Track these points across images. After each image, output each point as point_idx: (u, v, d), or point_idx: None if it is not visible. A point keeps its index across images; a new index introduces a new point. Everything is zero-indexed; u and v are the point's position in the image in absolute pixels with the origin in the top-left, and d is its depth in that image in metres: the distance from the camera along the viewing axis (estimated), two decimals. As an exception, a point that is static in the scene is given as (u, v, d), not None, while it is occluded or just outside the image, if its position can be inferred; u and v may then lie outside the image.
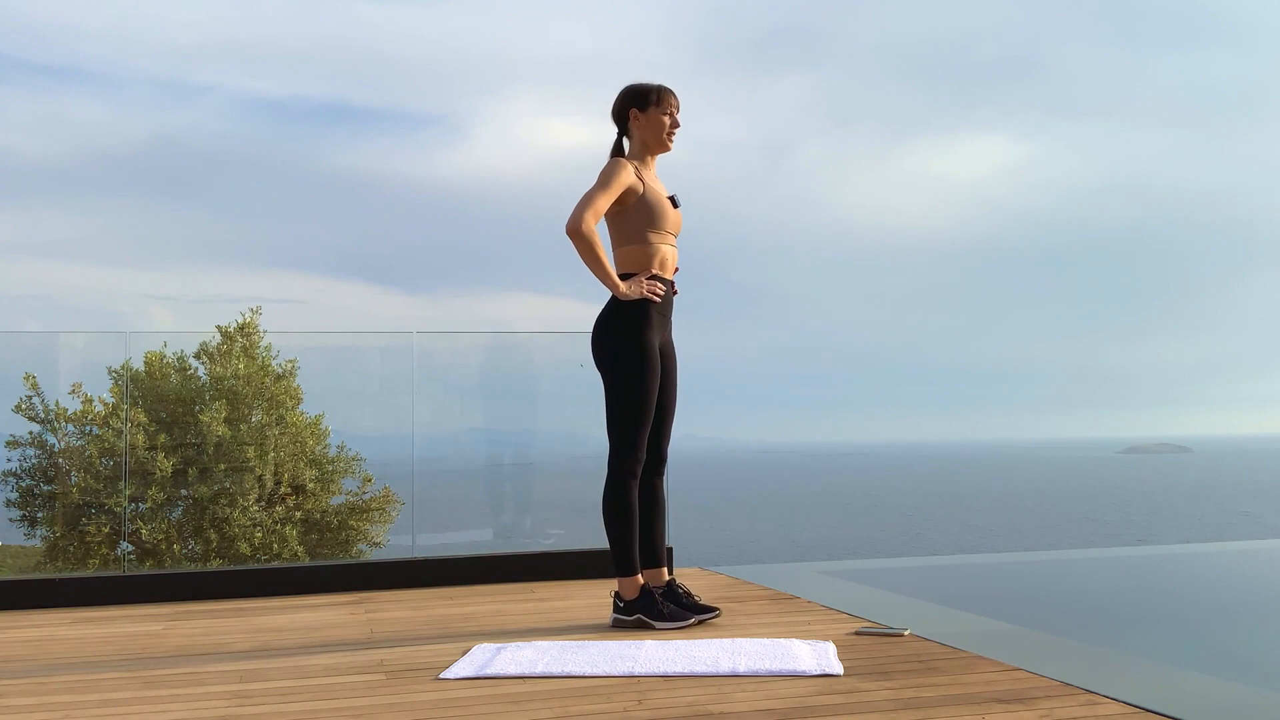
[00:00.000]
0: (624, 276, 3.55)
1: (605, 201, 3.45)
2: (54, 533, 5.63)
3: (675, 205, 3.65)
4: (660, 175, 3.72)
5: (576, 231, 3.39)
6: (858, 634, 3.25)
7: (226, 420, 5.66)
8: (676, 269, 3.68)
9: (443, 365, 5.13)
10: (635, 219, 3.54)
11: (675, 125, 3.65)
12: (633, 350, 3.50)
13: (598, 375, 3.63)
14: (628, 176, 3.50)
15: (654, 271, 3.56)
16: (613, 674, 2.76)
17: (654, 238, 3.56)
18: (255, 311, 6.54)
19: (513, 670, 2.80)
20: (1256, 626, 4.07)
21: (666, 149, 3.66)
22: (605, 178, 3.48)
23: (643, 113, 3.61)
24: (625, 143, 3.68)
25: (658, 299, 3.53)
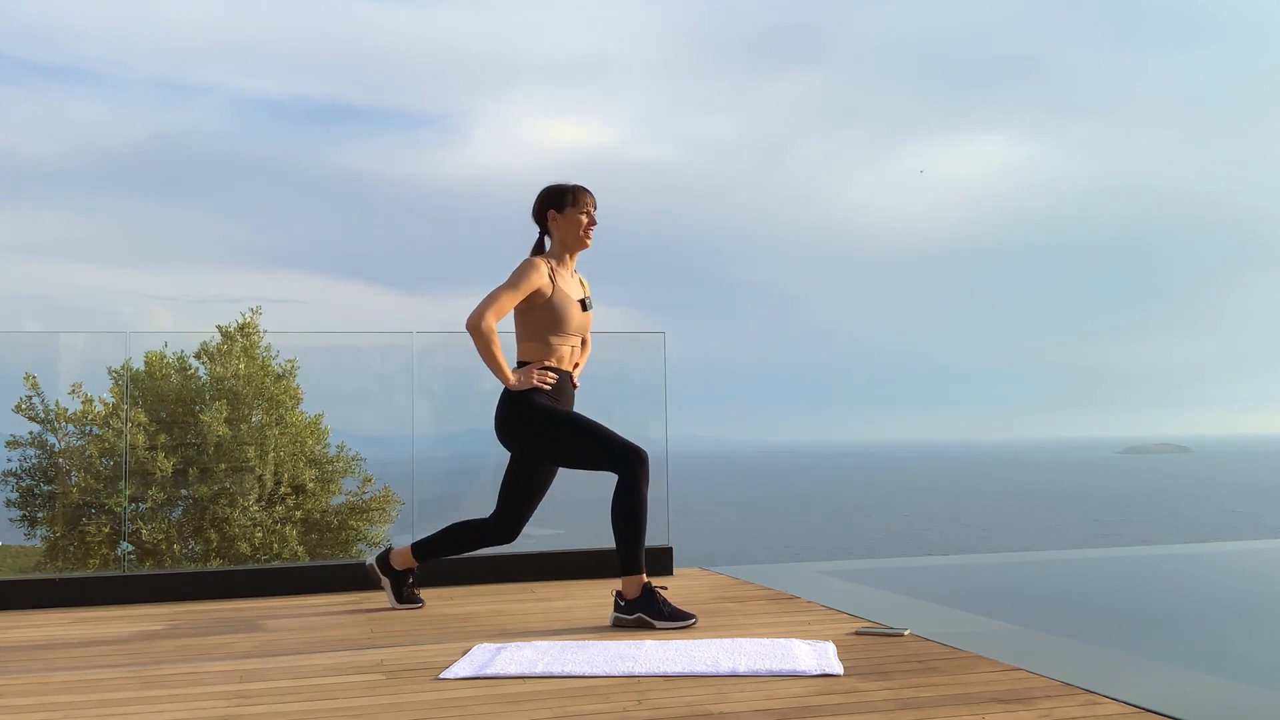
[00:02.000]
0: (523, 365, 3.73)
1: (510, 301, 3.63)
2: (54, 533, 5.63)
3: (585, 308, 3.81)
4: (661, 174, 3.76)
5: (475, 328, 3.58)
6: (858, 634, 3.25)
7: (227, 420, 5.66)
8: (577, 364, 3.86)
9: (443, 365, 5.13)
10: (540, 319, 3.70)
11: (592, 223, 3.79)
12: (531, 409, 3.66)
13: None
14: (538, 279, 3.66)
15: (549, 364, 3.71)
16: (613, 674, 2.76)
17: (554, 340, 3.73)
18: (255, 311, 6.55)
19: (513, 670, 2.80)
20: (1256, 626, 4.07)
21: (584, 246, 3.81)
22: (515, 278, 3.65)
23: (560, 214, 3.77)
24: (546, 242, 3.83)
25: (548, 387, 3.68)
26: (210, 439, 5.53)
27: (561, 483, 3.97)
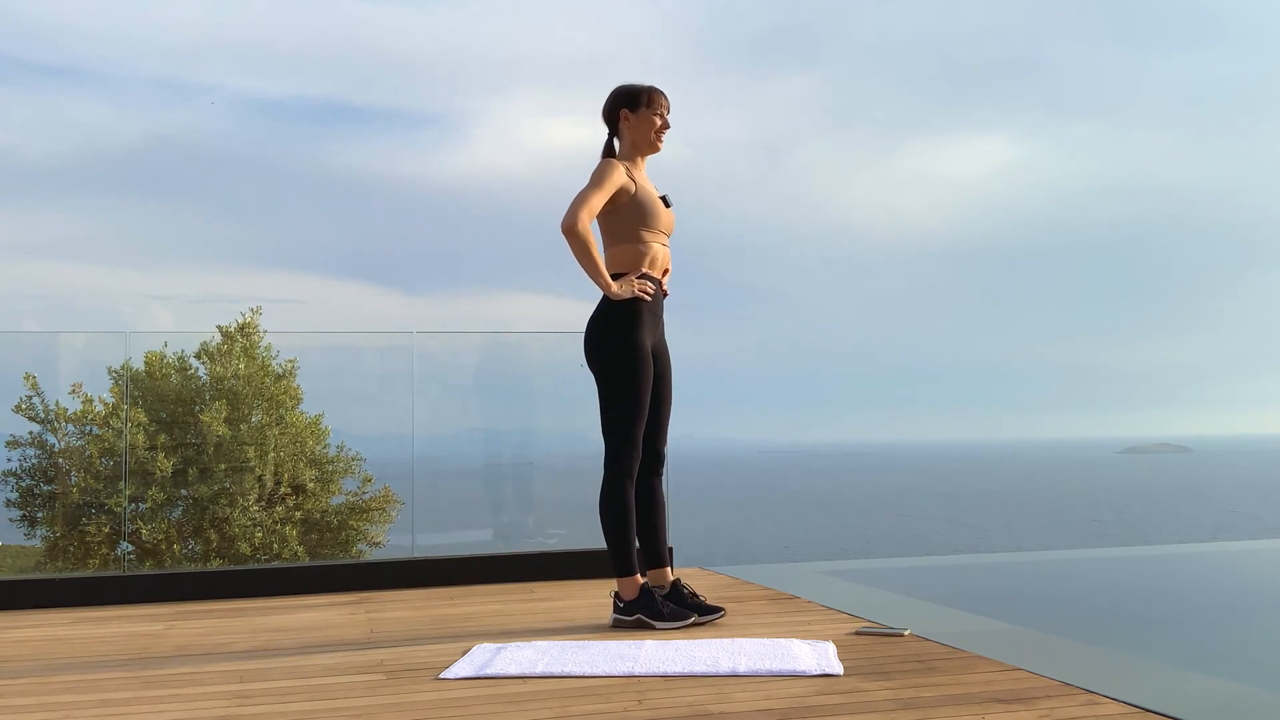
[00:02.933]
0: (616, 276, 3.56)
1: (600, 200, 3.47)
2: (54, 533, 5.62)
3: (667, 205, 3.67)
4: (657, 174, 3.72)
5: (572, 229, 3.40)
6: (858, 634, 3.25)
7: (226, 420, 5.66)
8: (668, 270, 3.70)
9: (442, 365, 5.13)
10: (627, 218, 3.56)
11: (665, 126, 3.66)
12: (624, 350, 3.52)
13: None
14: (620, 176, 3.52)
15: (644, 270, 3.58)
16: (613, 674, 2.76)
17: (647, 236, 3.58)
18: (255, 311, 6.54)
19: (513, 670, 2.80)
20: (1256, 626, 4.07)
21: (656, 149, 3.68)
22: (598, 177, 3.50)
23: (633, 113, 3.63)
24: (616, 144, 3.70)
25: (649, 298, 3.55)
26: (210, 439, 5.53)
27: (562, 483, 3.97)
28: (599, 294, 3.55)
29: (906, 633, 3.23)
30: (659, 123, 3.64)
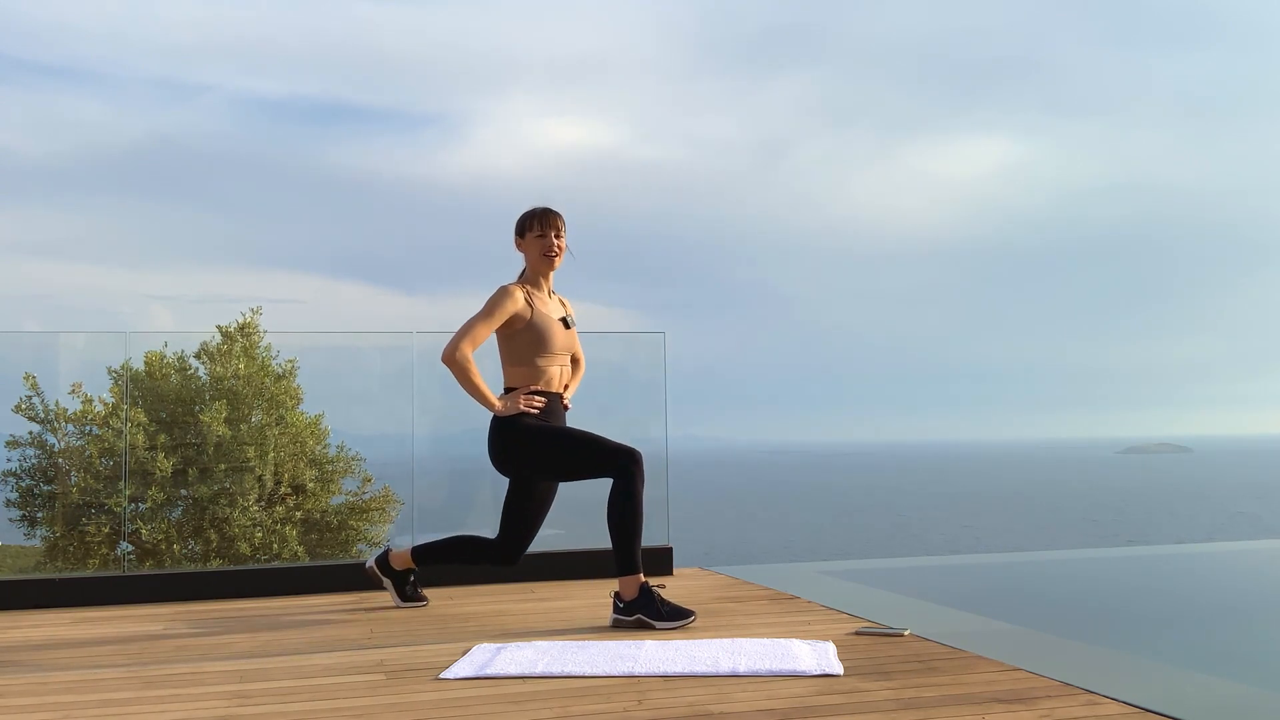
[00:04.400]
0: (511, 390, 3.75)
1: (485, 330, 3.67)
2: (54, 533, 5.62)
3: (568, 326, 3.84)
4: (661, 174, 3.74)
5: (450, 359, 3.63)
6: (858, 634, 3.25)
7: (226, 420, 5.66)
8: (568, 385, 3.88)
9: (442, 365, 5.12)
10: (523, 343, 3.73)
11: (554, 245, 3.79)
12: (519, 431, 3.68)
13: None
14: (512, 305, 3.70)
15: (535, 388, 3.73)
16: (613, 674, 2.76)
17: (540, 362, 3.75)
18: (255, 311, 6.54)
19: (513, 670, 2.80)
20: (1256, 626, 4.07)
21: (552, 267, 3.83)
22: (489, 307, 3.70)
23: (523, 239, 3.82)
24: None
25: (536, 411, 3.70)
26: (210, 439, 5.53)
27: (561, 482, 3.98)
28: (599, 294, 3.59)
29: (906, 633, 3.23)
30: (545, 242, 3.78)
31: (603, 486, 3.63)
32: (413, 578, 4.08)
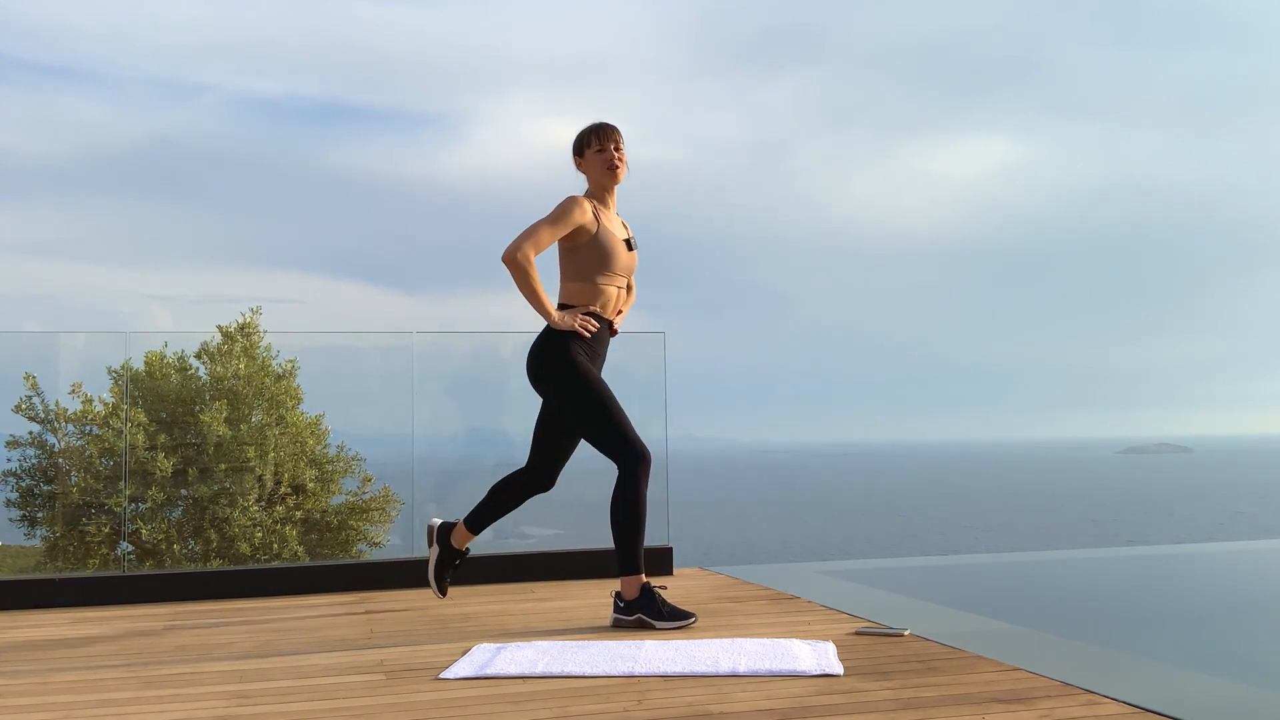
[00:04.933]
0: (565, 308, 3.63)
1: (549, 236, 3.53)
2: (54, 533, 5.62)
3: (630, 248, 3.74)
4: (661, 174, 3.73)
5: (511, 259, 3.48)
6: (858, 634, 3.25)
7: (227, 420, 5.66)
8: (621, 311, 3.78)
9: (442, 365, 5.12)
10: (586, 258, 3.62)
11: (616, 158, 3.67)
12: (565, 365, 3.58)
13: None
14: (581, 215, 3.57)
15: (593, 309, 3.64)
16: (613, 674, 2.76)
17: (600, 279, 3.65)
18: (255, 311, 6.54)
19: (513, 670, 2.80)
20: (1256, 626, 4.07)
21: (616, 181, 3.72)
22: (557, 213, 3.56)
23: (582, 159, 3.72)
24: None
25: (588, 335, 3.60)
26: (210, 439, 5.53)
27: (562, 482, 3.97)
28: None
29: (906, 633, 3.23)
30: (606, 156, 3.67)
31: (602, 486, 3.62)
32: (458, 562, 3.99)
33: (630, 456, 3.55)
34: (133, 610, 4.17)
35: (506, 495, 3.88)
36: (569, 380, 3.58)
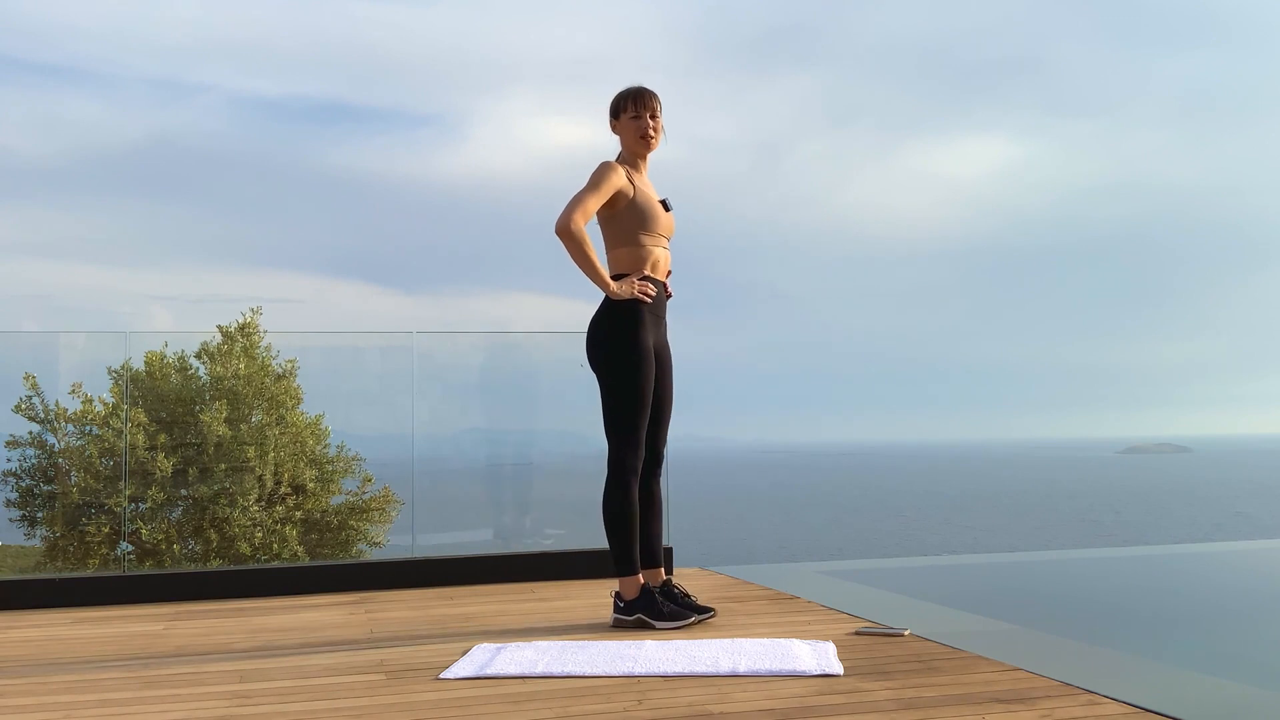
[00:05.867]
0: (616, 278, 3.58)
1: (595, 202, 3.48)
2: (54, 533, 5.62)
3: (667, 209, 3.69)
4: (656, 173, 3.73)
5: (566, 231, 3.41)
6: (858, 634, 3.25)
7: (227, 420, 5.66)
8: (670, 271, 3.72)
9: (443, 365, 5.12)
10: (627, 221, 3.57)
11: (652, 125, 3.64)
12: (626, 349, 3.53)
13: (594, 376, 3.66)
14: (618, 179, 3.53)
15: (646, 273, 3.59)
16: (613, 674, 2.76)
17: (646, 240, 3.60)
18: (255, 311, 6.54)
19: (513, 670, 2.80)
20: (1256, 626, 4.07)
21: (651, 148, 3.68)
22: (595, 180, 3.51)
23: (618, 121, 3.68)
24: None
25: (649, 299, 3.56)
26: (210, 439, 5.53)
27: (561, 482, 3.97)
28: (598, 293, 3.55)
29: (906, 633, 3.23)
30: (641, 123, 3.64)
31: (602, 486, 3.62)
32: (662, 586, 3.60)
33: (625, 464, 3.54)
34: (133, 610, 4.17)
35: (635, 516, 3.60)
36: (626, 359, 3.51)
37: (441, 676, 2.78)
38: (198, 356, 6.15)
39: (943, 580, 5.28)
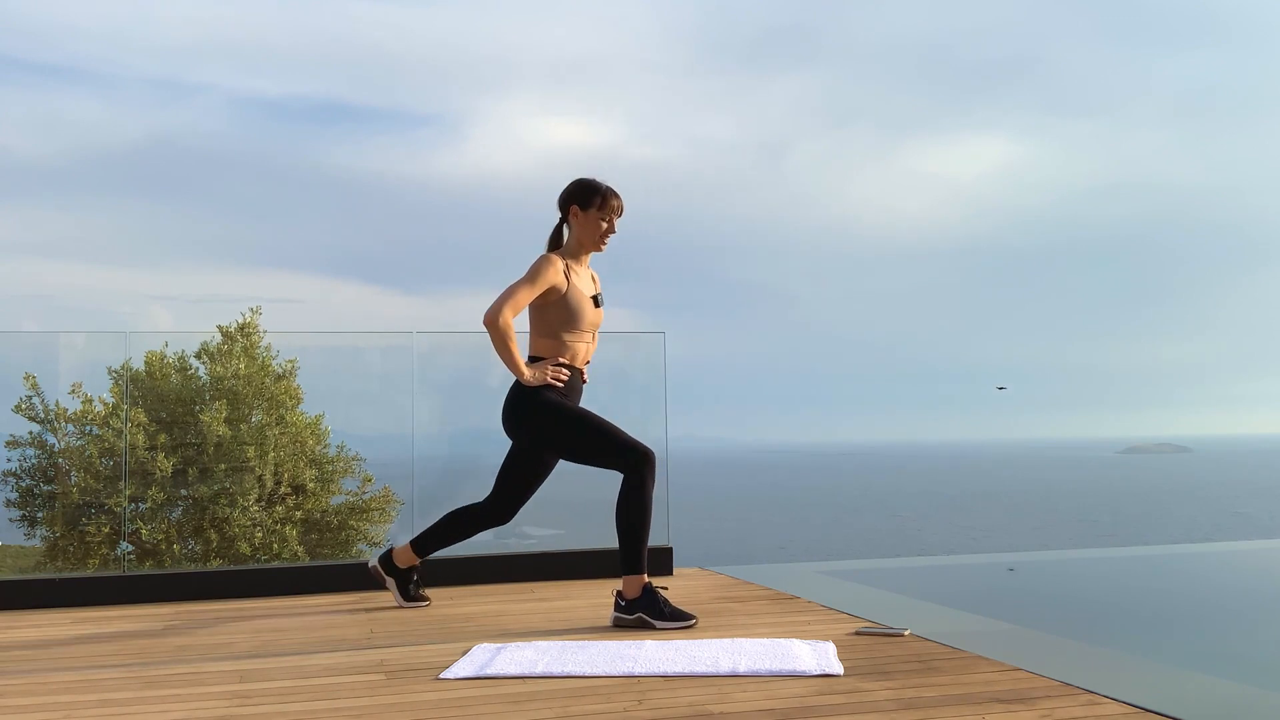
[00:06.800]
0: (536, 359, 3.73)
1: (527, 296, 3.63)
2: (54, 533, 5.62)
3: (597, 305, 3.81)
4: (661, 174, 3.78)
5: (493, 323, 3.57)
6: (858, 634, 3.25)
7: (226, 420, 5.66)
8: (588, 362, 3.87)
9: (442, 365, 5.12)
10: (554, 316, 3.71)
11: (610, 231, 3.78)
12: (541, 405, 3.67)
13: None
14: (554, 275, 3.66)
15: (562, 360, 3.72)
16: (613, 674, 2.76)
17: (568, 337, 3.74)
18: (255, 311, 6.54)
19: (513, 670, 2.80)
20: (1256, 626, 4.07)
21: (599, 249, 3.81)
22: (533, 274, 3.65)
23: (583, 211, 3.76)
24: (565, 231, 3.83)
25: (560, 385, 3.70)
26: (210, 439, 5.53)
27: (561, 483, 3.97)
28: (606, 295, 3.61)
29: (906, 633, 3.23)
30: (604, 226, 3.76)
31: (603, 486, 3.63)
32: (415, 577, 4.06)
33: (632, 457, 3.57)
34: (133, 610, 4.17)
35: (463, 523, 3.96)
36: (549, 416, 3.68)
37: (441, 676, 2.79)
38: (198, 356, 6.15)
39: (943, 580, 5.28)
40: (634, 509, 3.56)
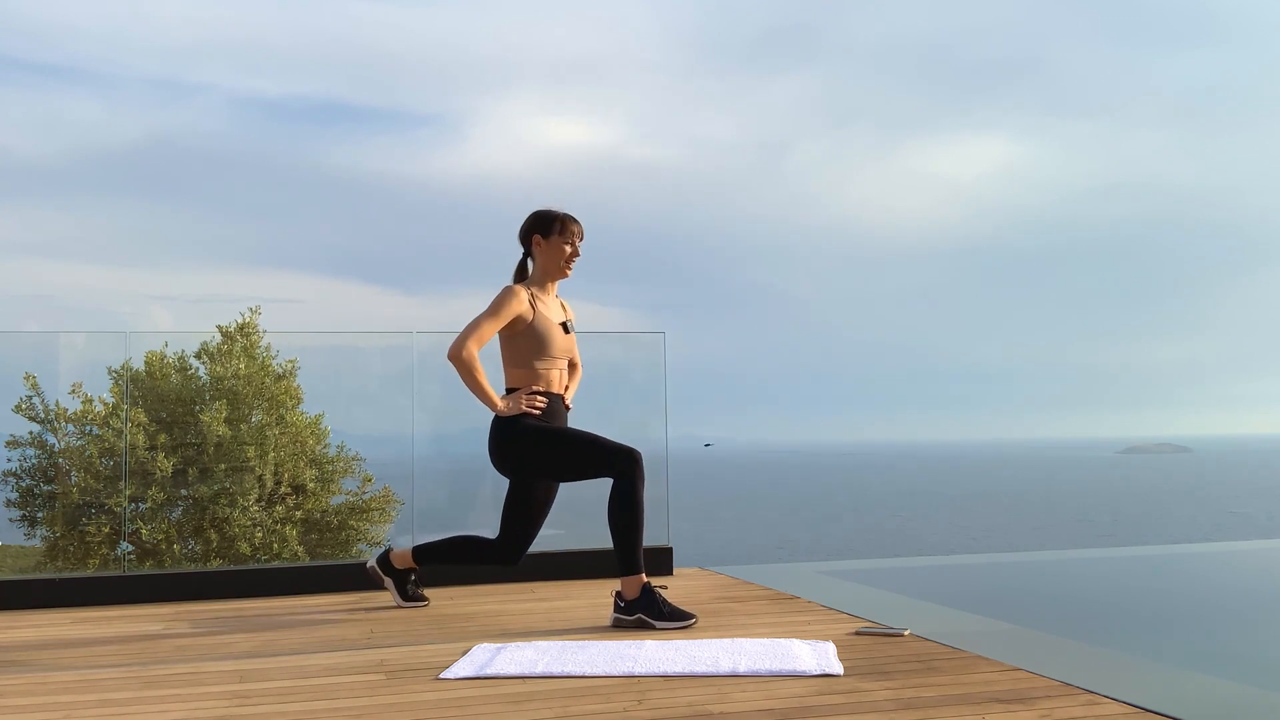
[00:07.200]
0: (511, 391, 3.75)
1: (491, 329, 3.66)
2: (54, 533, 5.62)
3: (567, 330, 3.84)
4: (661, 174, 3.79)
5: (457, 357, 3.61)
6: (858, 634, 3.25)
7: (227, 420, 5.66)
8: (568, 387, 3.90)
9: (443, 365, 5.12)
10: (522, 345, 3.74)
11: (575, 254, 3.82)
12: (519, 431, 3.69)
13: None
14: (518, 305, 3.69)
15: (536, 388, 3.73)
16: (613, 674, 2.76)
17: (540, 365, 3.76)
18: (255, 311, 6.54)
19: (513, 670, 2.80)
20: (1256, 626, 4.07)
21: (564, 276, 3.85)
22: (495, 306, 3.68)
23: (545, 240, 3.80)
24: (530, 263, 3.86)
25: (537, 412, 3.71)
26: (210, 439, 5.53)
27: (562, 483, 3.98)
28: (598, 294, 3.62)
29: (906, 633, 3.23)
30: (568, 250, 3.79)
31: (603, 486, 3.63)
32: (413, 577, 4.08)
33: (619, 460, 3.58)
34: (133, 610, 4.17)
35: (469, 551, 3.97)
36: (529, 439, 3.69)
37: (441, 676, 2.79)
38: (198, 356, 6.15)
39: (943, 580, 5.28)
40: (626, 510, 3.56)
